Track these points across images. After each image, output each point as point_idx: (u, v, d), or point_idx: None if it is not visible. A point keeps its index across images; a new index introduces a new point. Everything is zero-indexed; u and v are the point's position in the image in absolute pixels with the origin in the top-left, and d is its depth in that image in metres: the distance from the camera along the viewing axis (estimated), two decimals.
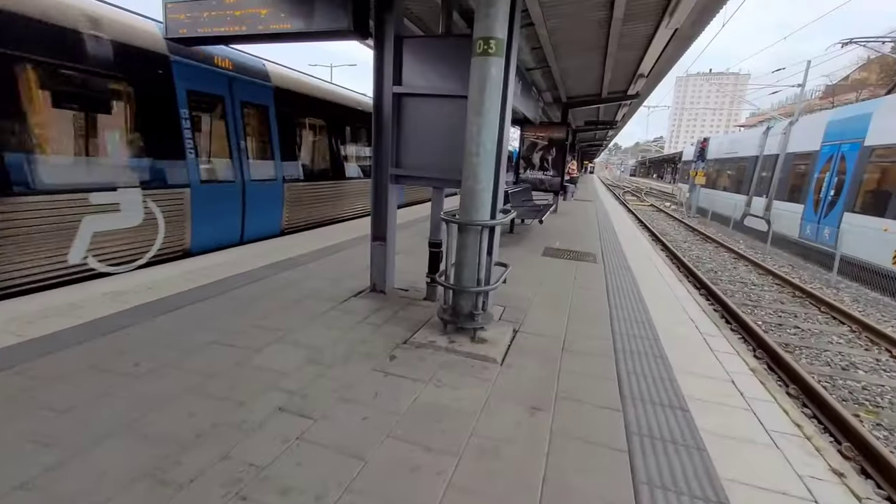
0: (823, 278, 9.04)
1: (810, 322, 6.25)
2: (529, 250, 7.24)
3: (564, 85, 10.71)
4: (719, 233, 15.40)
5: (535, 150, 13.19)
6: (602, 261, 6.79)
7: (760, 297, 7.39)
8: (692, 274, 8.53)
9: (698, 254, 11.29)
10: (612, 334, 3.74)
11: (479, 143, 3.10)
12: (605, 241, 8.67)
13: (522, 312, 4.13)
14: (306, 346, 3.11)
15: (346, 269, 5.14)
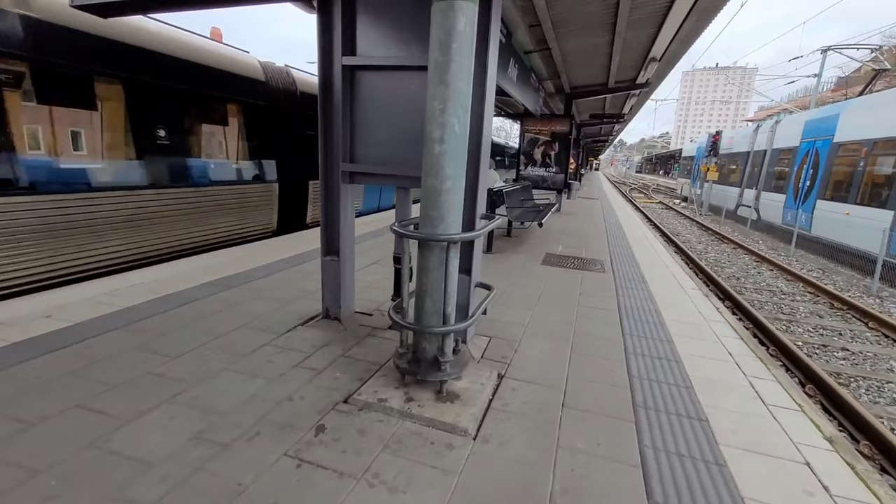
0: (861, 285, 8.05)
1: (859, 342, 5.30)
2: (528, 257, 6.33)
3: (567, 72, 9.77)
4: (735, 231, 14.38)
5: (537, 145, 12.26)
6: (611, 269, 5.87)
7: (794, 310, 6.44)
8: (712, 281, 7.58)
9: (716, 256, 10.32)
10: (629, 379, 2.83)
11: (443, 125, 2.20)
12: (614, 244, 7.74)
13: (512, 346, 3.23)
14: (206, 409, 2.24)
15: (307, 286, 4.27)
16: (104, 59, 4.60)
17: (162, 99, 5.22)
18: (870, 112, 10.31)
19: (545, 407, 2.43)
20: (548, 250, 6.90)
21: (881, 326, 5.68)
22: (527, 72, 7.96)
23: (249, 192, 6.52)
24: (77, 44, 4.35)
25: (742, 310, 6.08)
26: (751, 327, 5.53)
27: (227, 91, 6.13)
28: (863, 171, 9.87)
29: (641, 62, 8.92)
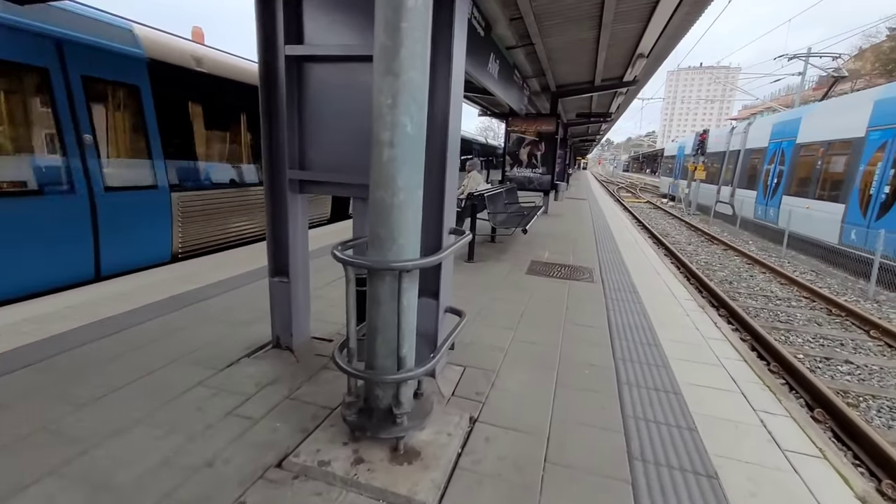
0: (857, 288, 7.81)
1: (863, 353, 4.99)
2: (512, 266, 5.93)
3: (552, 70, 9.41)
4: (725, 232, 14.19)
5: (523, 145, 11.90)
6: (600, 278, 5.50)
7: (791, 317, 6.13)
8: (705, 287, 7.26)
9: (707, 259, 10.05)
10: (623, 419, 2.43)
11: (393, 125, 1.77)
12: (603, 249, 7.38)
13: (489, 377, 2.82)
14: (98, 483, 1.78)
15: (265, 305, 3.80)
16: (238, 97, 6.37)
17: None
18: (825, 116, 11.48)
19: (524, 464, 2.02)
20: (533, 257, 6.50)
21: (884, 335, 5.39)
22: (509, 69, 7.56)
23: None
24: (227, 87, 6.22)
25: (738, 319, 5.76)
26: (749, 339, 5.19)
27: None
28: (820, 170, 11.08)
29: (629, 58, 8.59)
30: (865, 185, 9.39)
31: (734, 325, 5.71)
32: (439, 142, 2.44)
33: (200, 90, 5.84)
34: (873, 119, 9.54)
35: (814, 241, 10.19)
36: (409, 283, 1.88)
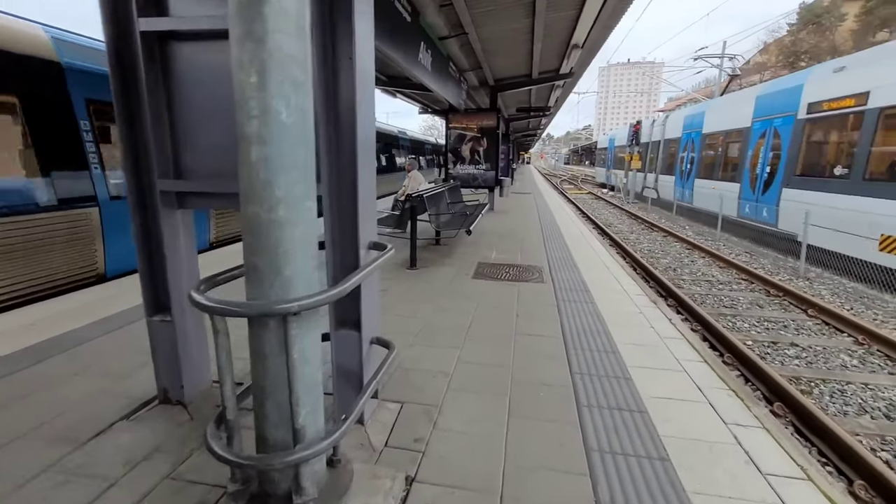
0: (788, 266, 8.14)
1: (805, 334, 5.06)
2: (458, 270, 5.53)
3: (489, 62, 9.13)
4: (662, 219, 14.68)
5: (464, 141, 11.58)
6: (551, 277, 5.23)
7: (735, 301, 6.20)
8: (652, 276, 7.26)
9: (649, 246, 10.22)
10: (587, 454, 2.07)
11: (263, 111, 1.27)
12: (551, 245, 7.18)
13: (431, 415, 2.37)
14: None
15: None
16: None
17: None
18: (723, 110, 13.21)
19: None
20: (480, 259, 6.15)
21: (820, 314, 5.52)
22: (443, 60, 7.16)
23: None
24: None
25: (687, 308, 5.71)
26: (700, 329, 5.12)
27: None
28: (721, 155, 12.89)
29: (564, 50, 8.47)
30: (753, 167, 11.00)
31: (684, 314, 5.65)
32: (348, 137, 1.95)
33: None
34: (756, 112, 11.09)
35: (719, 215, 11.46)
36: (303, 329, 1.38)
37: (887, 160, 7.30)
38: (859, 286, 6.99)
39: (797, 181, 9.34)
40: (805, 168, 9.27)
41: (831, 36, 49.08)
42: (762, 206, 10.35)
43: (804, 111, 9.30)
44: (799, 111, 9.45)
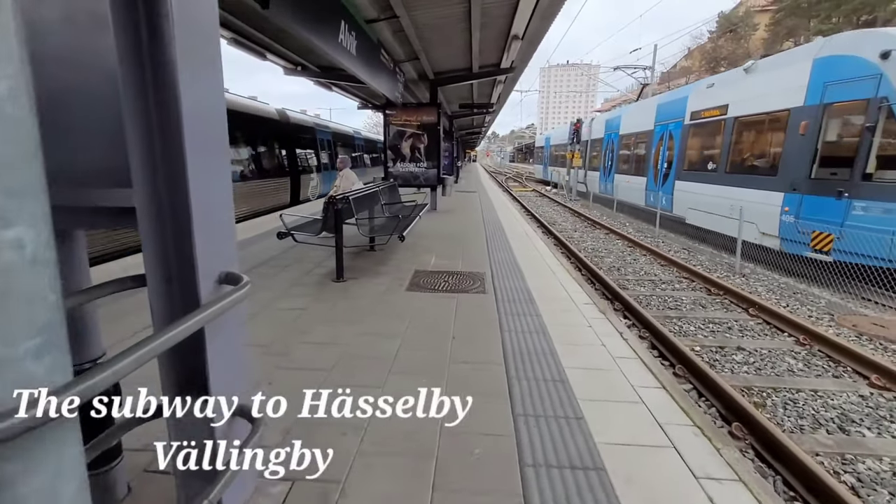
0: (724, 263, 8.27)
1: (749, 335, 4.95)
2: (391, 280, 4.92)
3: (427, 53, 8.56)
4: (604, 216, 14.87)
5: (404, 138, 10.94)
6: (493, 286, 4.75)
7: (679, 302, 6.08)
8: (598, 278, 7.03)
9: (593, 244, 10.14)
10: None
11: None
12: (495, 247, 6.75)
13: (328, 497, 1.76)
14: None
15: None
16: None
17: None
18: (635, 115, 15.18)
19: None
20: (418, 266, 5.58)
21: (761, 312, 5.48)
22: (374, 47, 6.49)
23: None
24: None
25: (634, 313, 5.46)
26: (648, 336, 4.85)
27: None
28: (634, 153, 14.97)
29: (504, 41, 8.07)
30: (655, 163, 13.13)
31: (631, 319, 5.40)
32: (170, 117, 1.29)
33: None
34: (657, 118, 13.21)
35: (633, 205, 13.92)
36: (24, 464, 0.72)
37: (739, 158, 9.33)
38: (791, 281, 7.16)
39: (685, 174, 11.28)
40: (690, 164, 11.18)
41: (746, 44, 53.21)
42: (662, 195, 12.34)
43: (688, 118, 11.26)
44: (685, 118, 11.38)
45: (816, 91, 7.29)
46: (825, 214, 7.01)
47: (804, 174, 7.42)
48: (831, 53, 7.27)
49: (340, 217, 4.83)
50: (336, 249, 4.86)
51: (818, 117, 7.20)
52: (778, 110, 8.11)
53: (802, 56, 7.87)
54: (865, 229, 6.31)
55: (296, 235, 4.98)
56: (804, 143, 7.41)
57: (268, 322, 3.67)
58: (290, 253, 6.05)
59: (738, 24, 52.56)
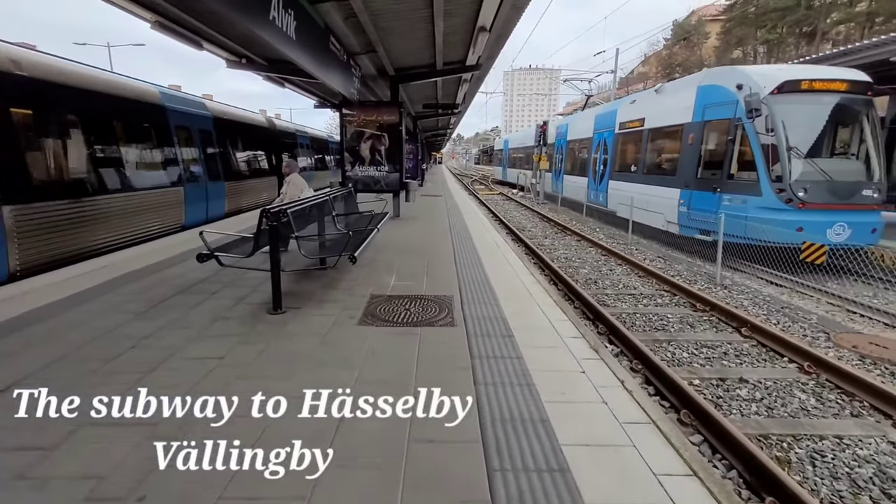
0: (703, 273, 7.88)
1: (748, 362, 4.44)
2: (340, 310, 4.08)
3: (386, 45, 7.74)
4: (574, 221, 14.49)
5: (364, 139, 10.04)
6: (463, 315, 4.00)
7: (665, 321, 5.55)
8: (577, 295, 6.42)
9: (565, 253, 9.60)
10: None
11: None
12: (463, 261, 6.02)
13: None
14: None
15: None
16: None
17: None
18: (579, 123, 17.06)
19: None
20: (375, 289, 4.76)
21: (754, 333, 5.02)
22: (321, 33, 5.62)
23: None
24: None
25: (620, 337, 4.85)
26: (641, 368, 4.24)
27: None
28: (579, 157, 16.80)
29: (470, 35, 7.37)
30: (594, 166, 15.04)
31: (618, 345, 4.79)
32: None
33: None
34: (595, 126, 15.10)
35: (578, 202, 15.74)
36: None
37: (652, 161, 11.42)
38: (773, 293, 6.82)
39: (616, 175, 13.24)
40: (619, 166, 13.16)
41: (699, 51, 55.35)
42: (599, 193, 14.36)
43: (618, 128, 13.24)
44: (615, 128, 13.38)
45: (700, 111, 9.30)
46: (706, 205, 8.96)
47: (693, 175, 9.42)
48: (709, 83, 9.23)
49: (277, 235, 3.94)
50: (272, 275, 3.97)
51: (701, 131, 9.24)
52: (676, 124, 10.10)
53: (692, 82, 9.97)
54: (730, 215, 7.74)
55: (221, 258, 4.05)
56: (693, 151, 9.46)
57: (165, 381, 2.75)
58: (224, 274, 5.06)
59: (691, 33, 54.51)
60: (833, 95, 7.91)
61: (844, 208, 7.61)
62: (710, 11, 50.76)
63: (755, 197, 8.00)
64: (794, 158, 7.73)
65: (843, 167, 8.08)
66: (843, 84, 7.96)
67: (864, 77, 8.12)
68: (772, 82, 7.90)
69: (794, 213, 7.60)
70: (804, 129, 7.88)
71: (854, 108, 8.08)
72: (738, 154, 8.33)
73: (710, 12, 50.97)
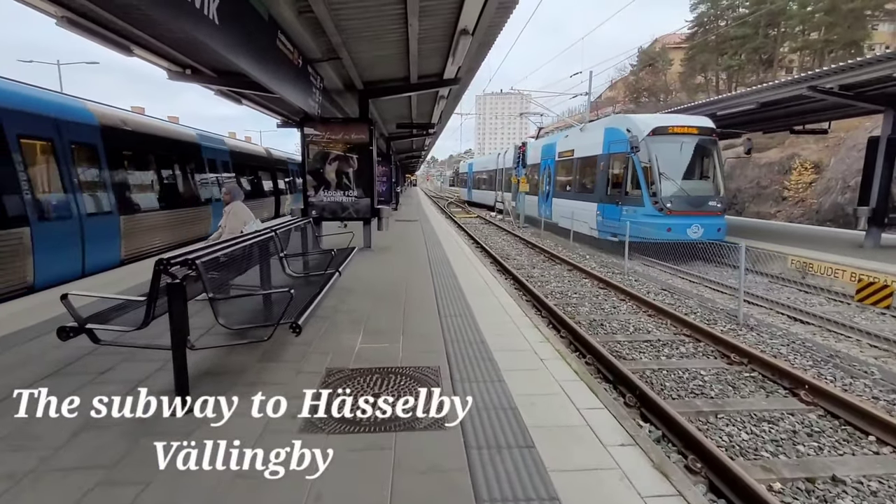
0: (721, 311, 6.91)
1: (830, 444, 3.39)
2: (278, 402, 2.80)
3: (352, 52, 6.66)
4: (559, 245, 13.58)
5: (329, 160, 8.85)
6: (456, 405, 2.80)
7: (701, 382, 4.48)
8: (588, 348, 5.32)
9: (559, 286, 8.56)
10: None
11: None
12: (448, 309, 4.84)
13: None
14: None
15: None
16: None
17: None
18: (535, 151, 19.51)
19: None
20: (333, 358, 3.51)
21: (817, 397, 3.99)
22: (265, 27, 4.48)
23: None
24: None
25: (657, 412, 3.73)
26: (702, 468, 3.10)
27: None
28: (532, 179, 19.49)
29: (450, 39, 6.38)
30: (541, 185, 18.21)
31: (656, 423, 3.66)
32: None
33: None
34: (542, 155, 18.28)
35: (534, 217, 18.44)
36: None
37: (579, 183, 14.59)
38: (802, 333, 5.90)
39: (558, 193, 16.52)
40: (559, 187, 16.49)
41: (664, 77, 57.24)
42: (546, 208, 17.47)
43: (557, 156, 16.54)
44: (556, 156, 16.68)
45: (607, 146, 12.50)
46: (613, 215, 12.00)
47: (604, 192, 12.57)
48: (612, 126, 12.59)
49: (181, 296, 2.66)
50: (174, 357, 2.67)
51: (608, 160, 12.52)
52: (594, 155, 13.25)
53: (601, 125, 13.59)
54: (630, 223, 10.65)
55: (97, 332, 2.74)
56: (603, 175, 12.70)
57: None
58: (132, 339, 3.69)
59: (655, 59, 56.40)
60: (688, 136, 11.20)
61: (698, 214, 10.88)
62: (672, 40, 52.67)
63: (641, 207, 11.13)
64: (664, 180, 10.93)
65: (696, 186, 11.28)
66: (695, 129, 11.28)
67: (710, 124, 11.50)
68: (647, 127, 11.12)
69: (665, 218, 10.77)
70: (669, 160, 11.05)
71: (704, 145, 11.33)
72: (631, 177, 11.38)
73: (672, 40, 52.90)
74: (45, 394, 2.87)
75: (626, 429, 2.60)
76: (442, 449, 2.37)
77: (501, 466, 2.23)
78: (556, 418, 2.71)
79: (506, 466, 2.23)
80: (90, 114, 7.42)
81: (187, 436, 2.46)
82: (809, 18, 37.53)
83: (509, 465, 2.24)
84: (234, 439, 2.42)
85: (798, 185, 24.85)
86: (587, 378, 3.33)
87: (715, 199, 11.12)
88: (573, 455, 2.34)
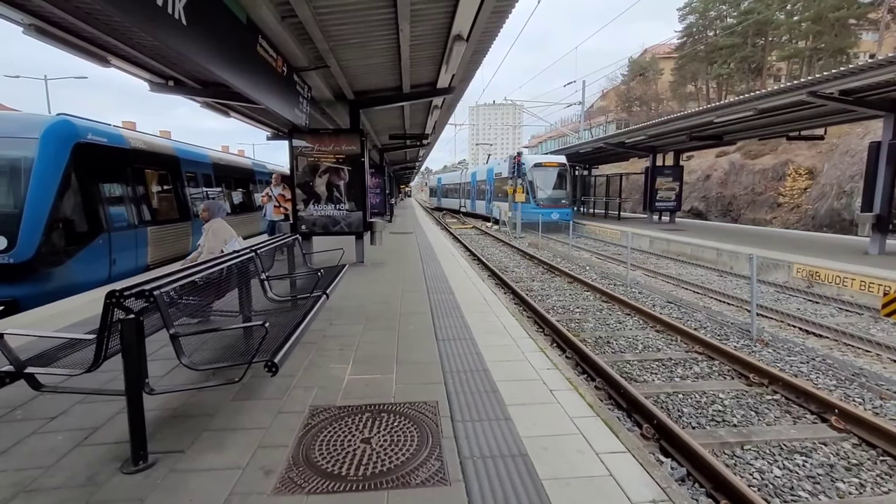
0: (733, 325, 6.57)
1: (872, 480, 3.05)
2: (255, 448, 2.41)
3: (339, 59, 6.36)
4: (557, 257, 13.28)
5: (319, 173, 8.53)
6: (458, 454, 2.43)
7: (721, 406, 4.13)
8: (597, 370, 4.97)
9: (560, 301, 8.22)
10: None
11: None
12: (447, 332, 4.47)
13: None
14: None
15: None
16: None
17: None
18: (482, 171, 28.14)
19: None
20: (318, 394, 3.13)
21: (849, 423, 3.65)
22: (243, 31, 4.17)
23: None
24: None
25: (679, 445, 3.38)
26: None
27: None
28: (481, 190, 27.84)
29: (443, 46, 6.11)
30: (490, 195, 25.55)
31: (678, 458, 3.30)
32: None
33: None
34: (487, 174, 26.22)
35: (492, 217, 24.45)
36: None
37: (500, 192, 22.89)
38: (819, 348, 5.59)
39: (494, 199, 24.18)
40: (495, 194, 24.03)
41: (655, 86, 57.75)
42: (491, 207, 24.94)
43: (494, 176, 24.48)
44: (493, 176, 24.54)
45: (476, 175, 29.77)
46: (514, 209, 19.16)
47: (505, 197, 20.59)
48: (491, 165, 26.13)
49: (137, 333, 2.28)
50: (128, 404, 2.29)
51: (484, 180, 26.78)
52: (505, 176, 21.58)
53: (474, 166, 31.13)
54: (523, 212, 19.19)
55: (39, 376, 2.35)
56: (495, 189, 24.00)
57: None
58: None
59: (646, 69, 56.90)
60: (553, 167, 20.86)
61: (556, 207, 20.10)
62: (662, 50, 53.20)
63: (529, 204, 19.50)
64: (539, 190, 20.19)
65: (556, 193, 20.60)
66: (556, 163, 20.95)
67: (565, 160, 21.26)
68: (531, 162, 20.55)
69: (539, 209, 19.08)
70: (543, 180, 20.43)
71: (560, 171, 20.87)
72: (516, 188, 19.05)
73: (662, 50, 53.45)
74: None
75: (657, 480, 2.25)
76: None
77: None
78: (573, 468, 2.35)
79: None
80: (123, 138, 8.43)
81: (139, 503, 2.07)
82: (796, 27, 38.06)
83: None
84: (196, 497, 2.03)
85: (793, 192, 24.86)
86: (604, 414, 2.97)
87: (566, 199, 20.96)
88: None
